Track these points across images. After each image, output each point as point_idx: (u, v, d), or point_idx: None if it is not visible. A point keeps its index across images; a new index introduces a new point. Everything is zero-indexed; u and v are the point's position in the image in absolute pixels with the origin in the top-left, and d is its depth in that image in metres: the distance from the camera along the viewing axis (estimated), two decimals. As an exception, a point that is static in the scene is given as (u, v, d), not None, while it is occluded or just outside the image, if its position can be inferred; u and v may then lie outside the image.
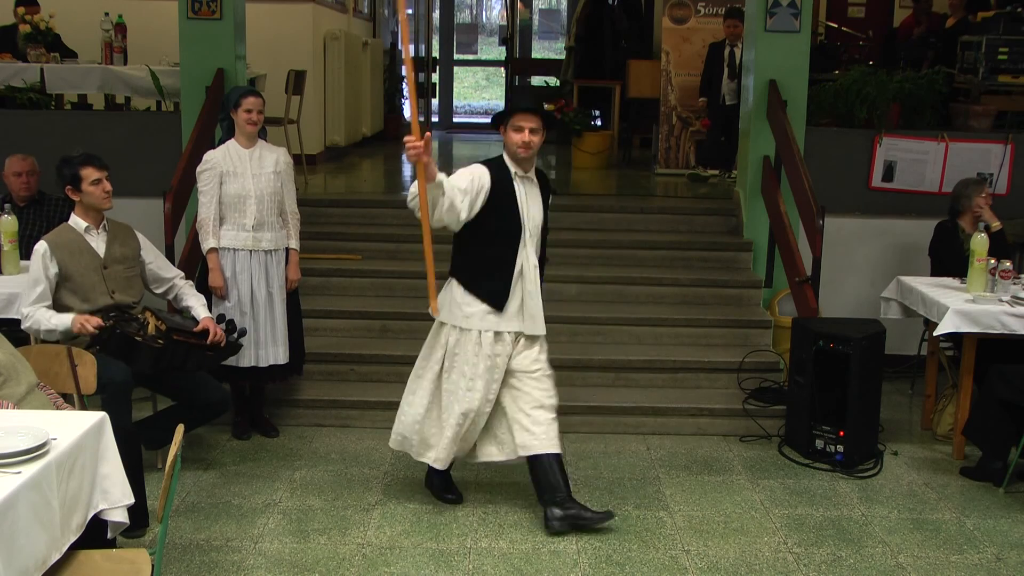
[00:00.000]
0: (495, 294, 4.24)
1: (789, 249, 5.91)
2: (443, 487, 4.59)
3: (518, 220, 4.22)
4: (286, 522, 4.32)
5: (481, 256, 4.26)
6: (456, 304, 4.28)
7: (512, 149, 4.22)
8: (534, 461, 4.30)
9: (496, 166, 4.24)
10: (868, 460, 5.12)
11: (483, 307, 4.25)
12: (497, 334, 4.26)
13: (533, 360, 4.33)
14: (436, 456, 4.40)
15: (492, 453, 4.45)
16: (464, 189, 4.07)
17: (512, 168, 4.25)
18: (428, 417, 4.41)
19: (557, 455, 4.31)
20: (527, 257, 4.26)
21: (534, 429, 4.29)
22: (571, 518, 4.26)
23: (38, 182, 5.73)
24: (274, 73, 8.38)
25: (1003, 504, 4.69)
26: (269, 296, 5.08)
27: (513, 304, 4.26)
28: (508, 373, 4.32)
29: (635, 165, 9.99)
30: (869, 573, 4.00)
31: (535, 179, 4.35)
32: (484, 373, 4.27)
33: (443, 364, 4.34)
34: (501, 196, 4.19)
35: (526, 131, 4.16)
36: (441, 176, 3.95)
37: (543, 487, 4.29)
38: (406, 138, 3.83)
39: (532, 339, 4.35)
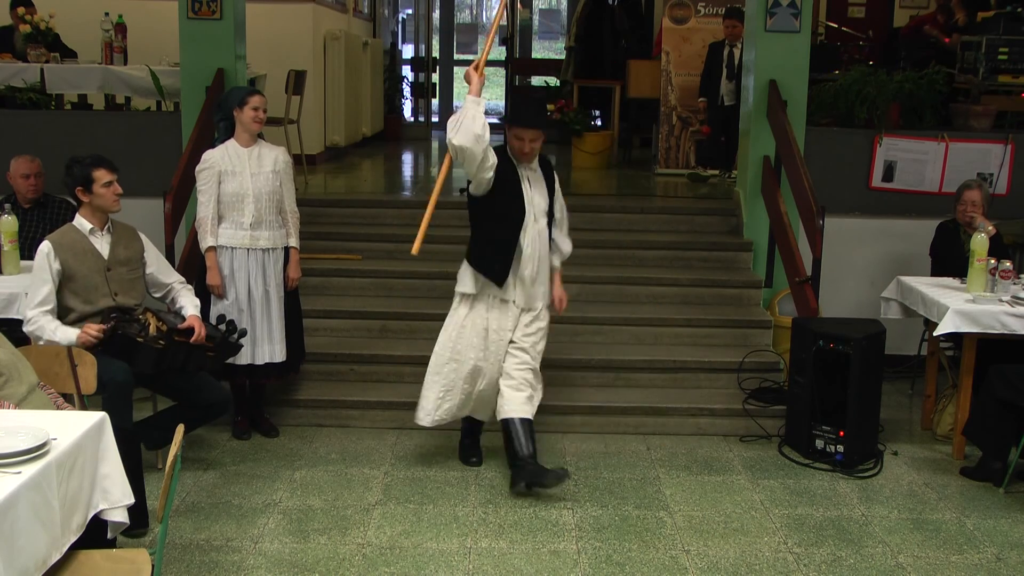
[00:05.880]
0: (497, 272, 4.59)
1: (789, 249, 5.91)
2: (466, 450, 5.00)
3: (522, 204, 4.56)
4: (286, 522, 4.32)
5: (490, 238, 4.62)
6: (461, 275, 4.72)
7: (513, 152, 4.60)
8: (503, 424, 4.72)
9: (501, 153, 4.58)
10: (868, 460, 5.12)
11: (482, 280, 4.64)
12: (476, 298, 4.66)
13: (523, 334, 4.71)
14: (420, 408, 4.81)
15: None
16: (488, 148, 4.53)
17: (514, 161, 4.63)
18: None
19: (524, 419, 4.65)
20: (534, 238, 4.60)
21: (505, 395, 4.70)
22: (528, 475, 4.57)
23: (43, 183, 5.73)
24: (274, 73, 8.38)
25: (1003, 504, 4.69)
26: (266, 294, 5.08)
27: (509, 280, 4.61)
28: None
29: (635, 165, 9.99)
30: (869, 573, 4.00)
31: (538, 169, 4.70)
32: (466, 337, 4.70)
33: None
34: (506, 181, 4.55)
35: (526, 142, 4.53)
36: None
37: (508, 451, 4.70)
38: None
39: (530, 313, 4.72)
